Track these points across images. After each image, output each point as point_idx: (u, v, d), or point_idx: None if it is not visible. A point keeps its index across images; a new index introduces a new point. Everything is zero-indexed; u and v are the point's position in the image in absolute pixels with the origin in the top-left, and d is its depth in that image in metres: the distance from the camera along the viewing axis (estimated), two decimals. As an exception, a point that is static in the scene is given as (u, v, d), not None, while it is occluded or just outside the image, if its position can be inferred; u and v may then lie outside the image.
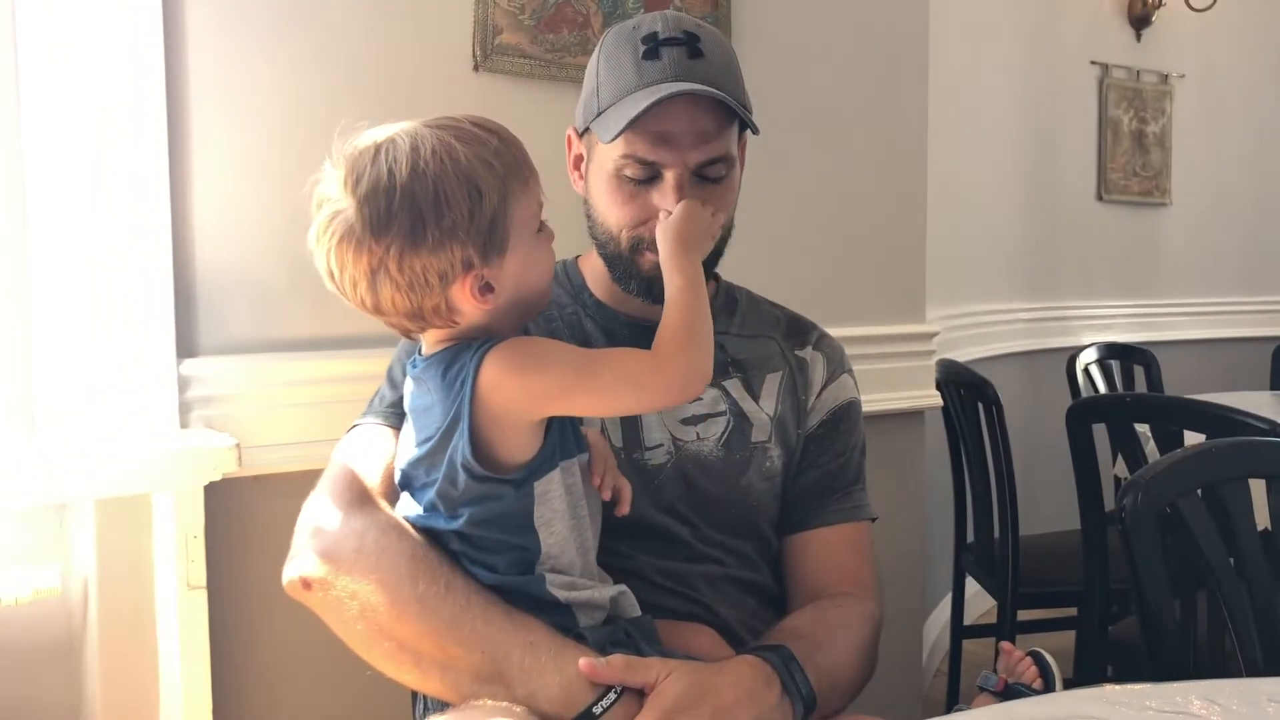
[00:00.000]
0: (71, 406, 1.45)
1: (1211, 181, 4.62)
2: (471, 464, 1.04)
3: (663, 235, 1.17)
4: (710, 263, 1.27)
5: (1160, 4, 4.28)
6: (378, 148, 1.02)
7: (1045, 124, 4.05)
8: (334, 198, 1.02)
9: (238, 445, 1.46)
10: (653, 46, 1.19)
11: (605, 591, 1.11)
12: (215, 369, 1.53)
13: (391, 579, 1.06)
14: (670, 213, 1.18)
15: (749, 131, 1.24)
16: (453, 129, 1.03)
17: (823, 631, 1.20)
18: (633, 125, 1.15)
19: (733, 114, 1.20)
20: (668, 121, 1.17)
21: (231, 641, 1.55)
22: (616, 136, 1.16)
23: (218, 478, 1.46)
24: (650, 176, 1.20)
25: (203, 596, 1.48)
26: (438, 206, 0.99)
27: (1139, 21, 4.32)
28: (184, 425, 1.51)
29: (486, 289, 1.04)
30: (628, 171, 1.20)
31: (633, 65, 1.19)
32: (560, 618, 1.08)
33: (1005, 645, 1.21)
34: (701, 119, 1.18)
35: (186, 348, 1.53)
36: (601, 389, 1.08)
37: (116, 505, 1.46)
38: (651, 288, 1.23)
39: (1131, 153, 4.37)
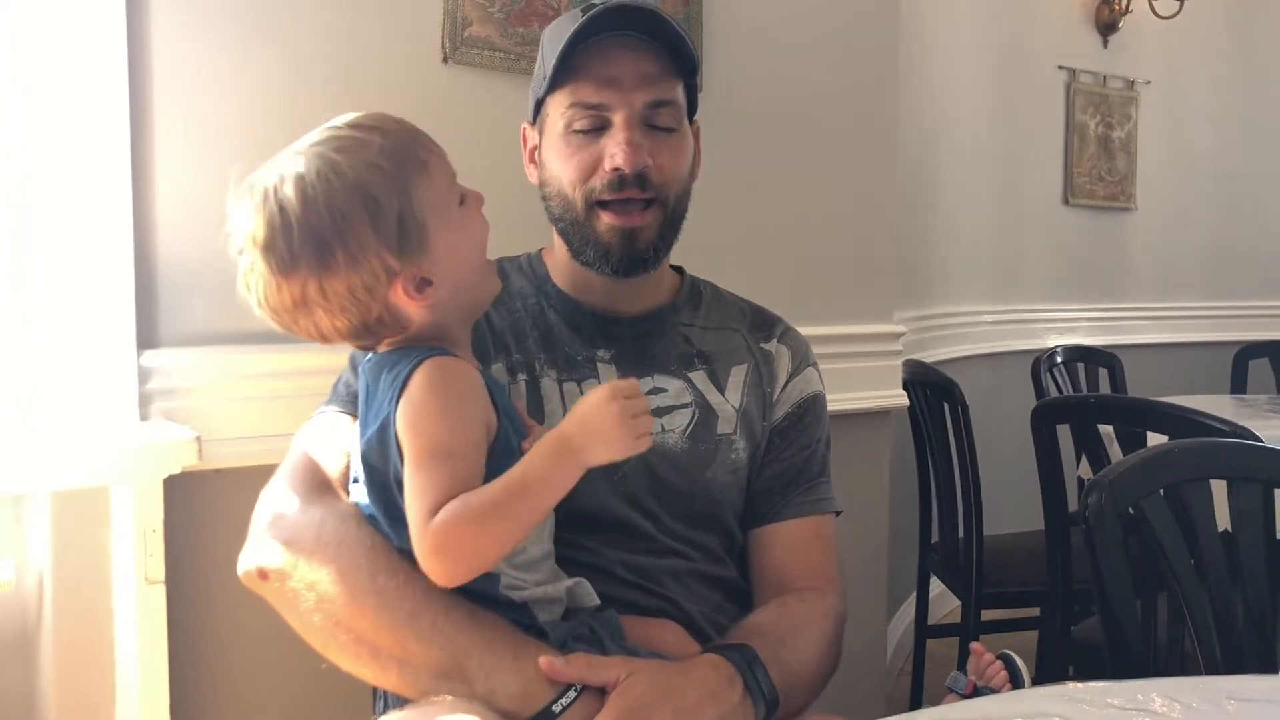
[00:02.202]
0: (29, 396, 1.43)
1: (1175, 187, 4.68)
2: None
3: (581, 399, 1.04)
4: (666, 245, 1.27)
5: (1127, 11, 4.33)
6: (265, 192, 1.00)
7: (1013, 128, 4.09)
8: (245, 247, 1.01)
9: (198, 438, 1.44)
10: (590, 6, 1.21)
11: (558, 586, 1.09)
12: (176, 361, 1.51)
13: (350, 569, 1.04)
14: (619, 165, 1.18)
15: (708, 123, 1.24)
16: (332, 141, 1.02)
17: (786, 628, 1.19)
18: (573, 68, 1.19)
19: (674, 63, 1.23)
20: (610, 66, 1.21)
21: (190, 637, 1.53)
22: (560, 63, 1.19)
23: (177, 470, 1.44)
24: (599, 126, 1.22)
25: (161, 591, 1.46)
26: (337, 227, 0.99)
27: (1106, 28, 4.37)
28: (144, 417, 1.48)
29: (424, 284, 1.03)
30: (576, 125, 1.22)
31: (570, 24, 1.21)
32: (518, 615, 1.06)
33: (975, 646, 1.19)
34: (644, 62, 1.22)
35: (147, 339, 1.50)
36: (418, 475, 0.98)
37: (73, 498, 1.43)
38: (609, 253, 1.24)
39: (1097, 157, 4.41)
